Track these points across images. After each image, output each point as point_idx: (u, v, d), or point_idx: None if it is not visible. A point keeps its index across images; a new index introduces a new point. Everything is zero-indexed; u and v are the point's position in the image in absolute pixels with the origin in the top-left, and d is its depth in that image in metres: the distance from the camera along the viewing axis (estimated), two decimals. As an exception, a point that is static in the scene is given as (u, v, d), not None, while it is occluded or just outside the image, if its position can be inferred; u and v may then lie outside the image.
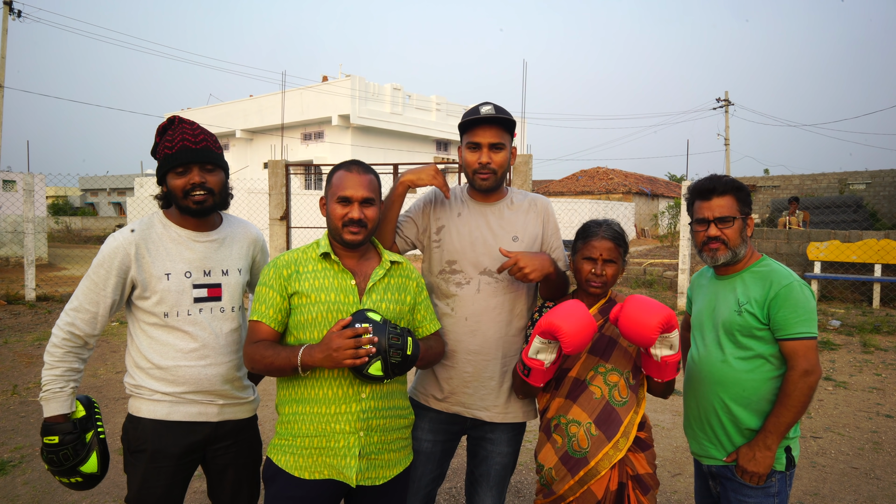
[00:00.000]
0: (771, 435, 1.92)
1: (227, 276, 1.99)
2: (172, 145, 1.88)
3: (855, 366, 6.35)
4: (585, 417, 1.99)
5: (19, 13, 16.01)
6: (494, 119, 2.07)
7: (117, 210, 47.13)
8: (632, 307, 1.84)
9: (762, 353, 1.97)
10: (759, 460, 1.92)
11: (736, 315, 2.00)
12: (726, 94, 28.45)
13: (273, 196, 9.17)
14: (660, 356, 1.87)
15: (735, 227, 2.00)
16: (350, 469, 1.81)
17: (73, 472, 1.89)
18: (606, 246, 2.05)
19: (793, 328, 1.91)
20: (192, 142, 1.89)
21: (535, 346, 1.89)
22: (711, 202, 2.02)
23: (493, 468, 2.18)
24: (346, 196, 1.86)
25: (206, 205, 1.92)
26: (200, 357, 1.91)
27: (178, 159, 1.87)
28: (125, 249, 1.87)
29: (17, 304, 9.35)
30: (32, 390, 5.21)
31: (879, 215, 19.58)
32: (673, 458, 3.99)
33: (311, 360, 1.72)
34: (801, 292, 1.93)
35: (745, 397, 1.99)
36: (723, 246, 2.01)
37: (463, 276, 2.14)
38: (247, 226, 2.15)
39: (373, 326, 1.71)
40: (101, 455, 1.95)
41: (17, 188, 15.58)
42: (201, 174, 1.90)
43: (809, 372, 1.88)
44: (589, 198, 29.43)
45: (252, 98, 33.70)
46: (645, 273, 12.14)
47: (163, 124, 1.95)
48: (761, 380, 1.97)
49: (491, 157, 2.09)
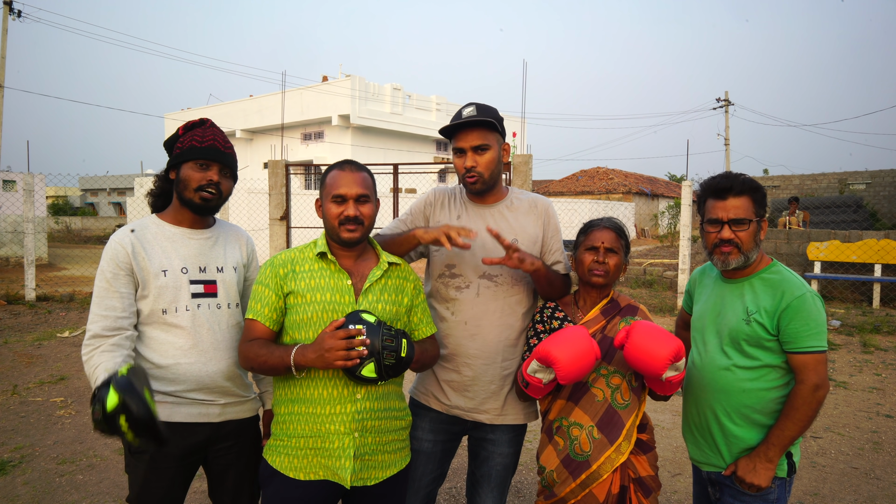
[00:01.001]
0: (774, 447, 1.86)
1: (223, 273, 2.01)
2: (203, 140, 1.93)
3: (855, 366, 6.35)
4: (588, 420, 1.98)
5: (19, 13, 16.01)
6: (476, 121, 2.05)
7: (117, 210, 47.11)
8: (639, 337, 1.79)
9: (768, 363, 1.90)
10: (759, 472, 1.87)
11: (744, 324, 1.92)
12: (726, 94, 28.46)
13: (273, 196, 9.17)
14: (665, 377, 1.84)
15: (750, 230, 1.90)
16: (345, 470, 1.81)
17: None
18: (608, 236, 2.06)
19: (804, 342, 1.83)
20: (222, 145, 1.98)
21: (533, 367, 1.89)
22: (727, 202, 1.91)
23: (495, 469, 2.17)
24: (341, 194, 1.86)
25: (211, 204, 1.96)
26: (199, 353, 1.92)
27: (206, 153, 1.92)
28: (123, 248, 1.88)
29: (17, 304, 9.35)
30: (32, 390, 5.22)
31: (879, 215, 19.59)
32: (673, 459, 3.98)
33: (303, 360, 1.72)
34: (813, 304, 1.85)
35: (747, 406, 1.92)
36: (735, 250, 1.91)
37: (462, 279, 2.13)
38: (237, 229, 2.17)
39: (366, 328, 1.70)
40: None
41: (17, 188, 15.57)
42: (220, 175, 1.96)
43: (819, 386, 1.82)
44: (589, 198, 29.42)
45: (252, 98, 33.71)
46: (645, 273, 12.14)
47: (193, 121, 2.00)
48: (765, 389, 1.91)
49: (476, 160, 2.07)
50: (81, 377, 5.62)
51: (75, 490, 3.44)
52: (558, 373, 1.78)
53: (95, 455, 3.92)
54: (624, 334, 1.84)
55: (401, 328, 1.91)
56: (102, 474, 3.65)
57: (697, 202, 2.10)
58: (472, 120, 2.04)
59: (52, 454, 3.92)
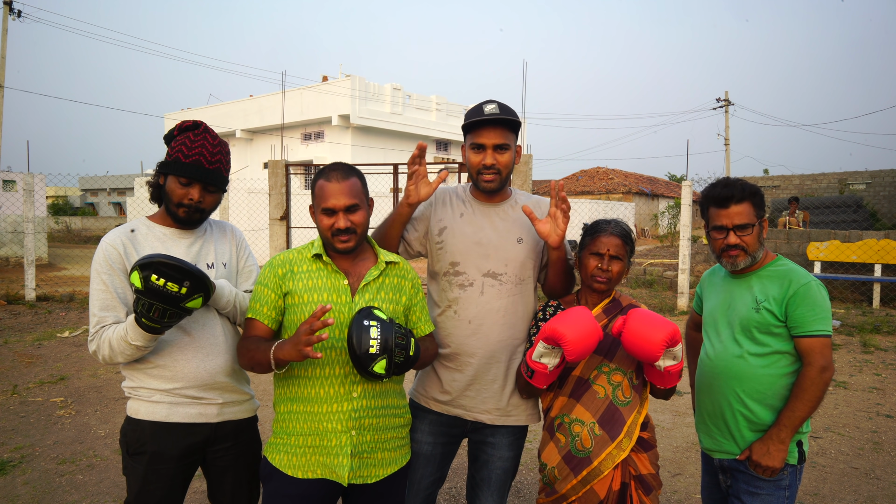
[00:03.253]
0: (785, 429, 1.94)
1: (213, 270, 2.01)
2: (189, 154, 1.88)
3: (855, 366, 6.35)
4: (589, 417, 1.99)
5: (19, 13, 16.01)
6: (499, 119, 2.03)
7: (117, 210, 47.11)
8: (636, 322, 1.84)
9: (778, 349, 2.00)
10: (773, 454, 1.94)
11: (754, 312, 2.03)
12: (726, 94, 28.47)
13: (273, 196, 9.17)
14: (663, 367, 1.87)
15: (754, 233, 2.03)
16: (342, 468, 1.81)
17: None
18: (614, 242, 2.06)
19: (810, 325, 1.95)
20: (207, 160, 1.90)
21: (539, 351, 1.89)
22: (729, 210, 2.03)
23: (495, 472, 2.16)
24: (329, 207, 1.85)
25: (194, 219, 1.95)
26: (196, 350, 1.92)
27: (187, 171, 1.88)
28: (115, 248, 1.89)
29: (17, 304, 9.35)
30: (32, 390, 5.22)
31: (879, 215, 19.59)
32: (673, 458, 3.98)
33: (281, 354, 1.70)
34: (818, 291, 1.98)
35: (760, 392, 2.01)
36: (742, 252, 2.04)
37: (466, 277, 2.12)
38: (222, 223, 2.17)
39: (379, 324, 1.70)
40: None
41: (17, 188, 15.58)
42: (202, 193, 1.92)
43: (825, 368, 1.92)
44: (589, 198, 29.42)
45: (252, 98, 33.68)
46: (645, 273, 12.14)
47: (188, 123, 1.95)
48: (777, 375, 2.00)
49: (496, 158, 2.05)
50: (81, 377, 5.62)
51: (75, 490, 3.44)
52: (566, 349, 1.79)
53: (95, 455, 3.92)
54: (621, 322, 1.88)
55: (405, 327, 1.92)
56: (102, 474, 3.65)
57: (700, 208, 2.18)
58: (498, 117, 2.02)
59: (52, 454, 3.92)
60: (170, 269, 1.65)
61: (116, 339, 1.80)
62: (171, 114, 35.34)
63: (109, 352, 1.82)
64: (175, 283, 1.65)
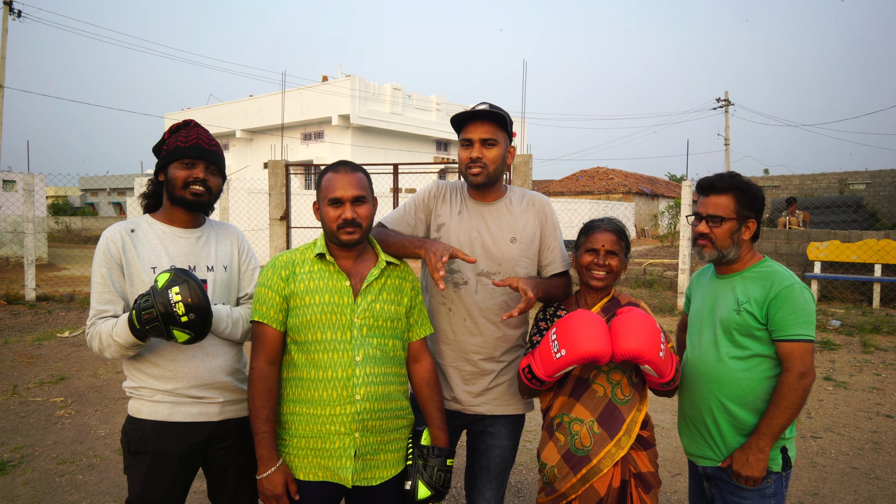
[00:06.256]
0: (764, 437, 1.89)
1: (213, 272, 2.01)
2: (187, 140, 1.95)
3: (855, 366, 6.35)
4: (588, 415, 1.99)
5: (19, 13, 16.01)
6: (486, 114, 2.06)
7: (117, 210, 47.09)
8: (618, 324, 1.87)
9: (759, 352, 1.95)
10: (752, 464, 1.89)
11: (734, 314, 1.97)
12: (726, 94, 28.47)
13: (273, 196, 9.17)
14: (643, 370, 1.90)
15: (725, 227, 1.98)
16: (345, 470, 1.82)
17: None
18: (609, 238, 2.06)
19: (790, 329, 1.89)
20: (206, 143, 1.98)
21: (561, 369, 1.89)
22: (708, 199, 2.01)
23: (493, 461, 2.19)
24: (337, 197, 1.86)
25: (202, 199, 1.97)
26: (196, 349, 1.93)
27: (189, 152, 1.93)
28: (115, 243, 1.91)
29: (17, 304, 9.35)
30: (32, 390, 5.22)
31: (879, 215, 19.58)
32: (673, 458, 3.99)
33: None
34: (801, 294, 1.91)
35: (740, 396, 1.96)
36: (709, 244, 2.00)
37: (461, 275, 2.15)
38: (226, 225, 2.18)
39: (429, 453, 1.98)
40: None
41: (17, 188, 15.57)
42: (206, 172, 1.97)
43: (805, 374, 1.86)
44: (589, 198, 29.43)
45: (252, 98, 33.69)
46: (645, 273, 12.14)
47: (178, 124, 2.02)
48: (757, 379, 1.95)
49: (483, 152, 2.07)
50: (81, 377, 5.62)
51: (75, 490, 3.44)
52: (600, 361, 1.84)
53: (95, 455, 3.92)
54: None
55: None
56: (102, 474, 3.65)
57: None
58: (484, 111, 2.06)
59: (52, 454, 3.92)
60: (194, 296, 1.70)
61: (105, 332, 1.82)
62: (171, 114, 35.36)
63: (99, 345, 1.84)
64: (184, 307, 1.69)
